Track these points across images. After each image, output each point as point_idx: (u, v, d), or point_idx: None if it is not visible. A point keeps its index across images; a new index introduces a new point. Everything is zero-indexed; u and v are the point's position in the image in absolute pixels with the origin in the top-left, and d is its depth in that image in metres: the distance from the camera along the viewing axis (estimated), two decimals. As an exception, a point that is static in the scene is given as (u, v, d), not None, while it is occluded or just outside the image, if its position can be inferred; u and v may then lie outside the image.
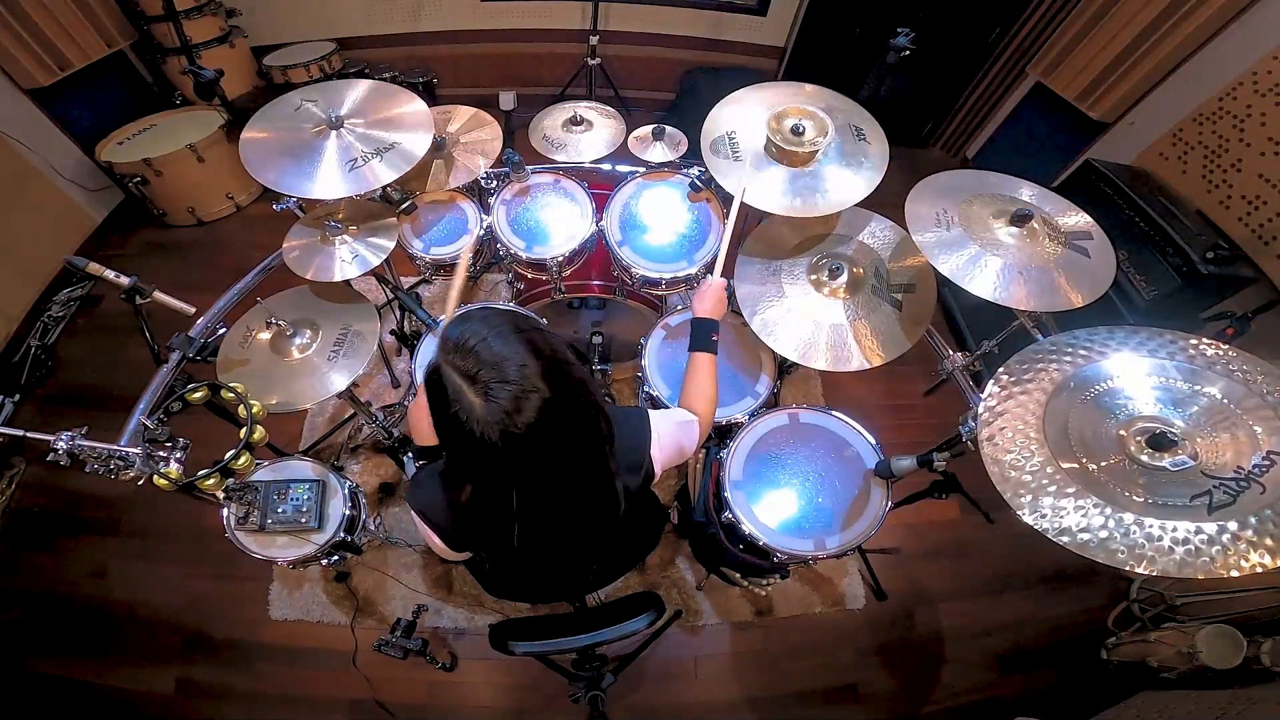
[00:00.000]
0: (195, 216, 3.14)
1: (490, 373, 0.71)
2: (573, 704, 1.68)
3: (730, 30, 3.59)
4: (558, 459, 0.79)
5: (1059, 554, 0.88)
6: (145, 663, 1.92)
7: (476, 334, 0.74)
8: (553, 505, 0.88)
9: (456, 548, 0.99)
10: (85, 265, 1.20)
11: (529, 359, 0.73)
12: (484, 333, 0.74)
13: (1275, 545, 0.81)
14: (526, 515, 0.88)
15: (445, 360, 0.74)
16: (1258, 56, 2.05)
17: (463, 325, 0.77)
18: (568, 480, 0.84)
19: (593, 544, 1.12)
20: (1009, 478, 0.97)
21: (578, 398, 0.78)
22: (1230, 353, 1.02)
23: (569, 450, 0.80)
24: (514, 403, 0.70)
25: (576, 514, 0.92)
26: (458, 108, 1.94)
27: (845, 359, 1.44)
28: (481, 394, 0.71)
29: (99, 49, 2.90)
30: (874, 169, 1.44)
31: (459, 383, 0.72)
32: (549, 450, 0.76)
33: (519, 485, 0.82)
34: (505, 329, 0.76)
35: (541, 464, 0.78)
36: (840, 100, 1.56)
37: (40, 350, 2.59)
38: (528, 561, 1.13)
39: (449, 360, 0.74)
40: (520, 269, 1.87)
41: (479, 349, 0.73)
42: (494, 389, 0.71)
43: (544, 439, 0.74)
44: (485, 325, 0.76)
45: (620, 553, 1.33)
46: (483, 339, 0.74)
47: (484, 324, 0.76)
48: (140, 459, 1.10)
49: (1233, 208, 2.09)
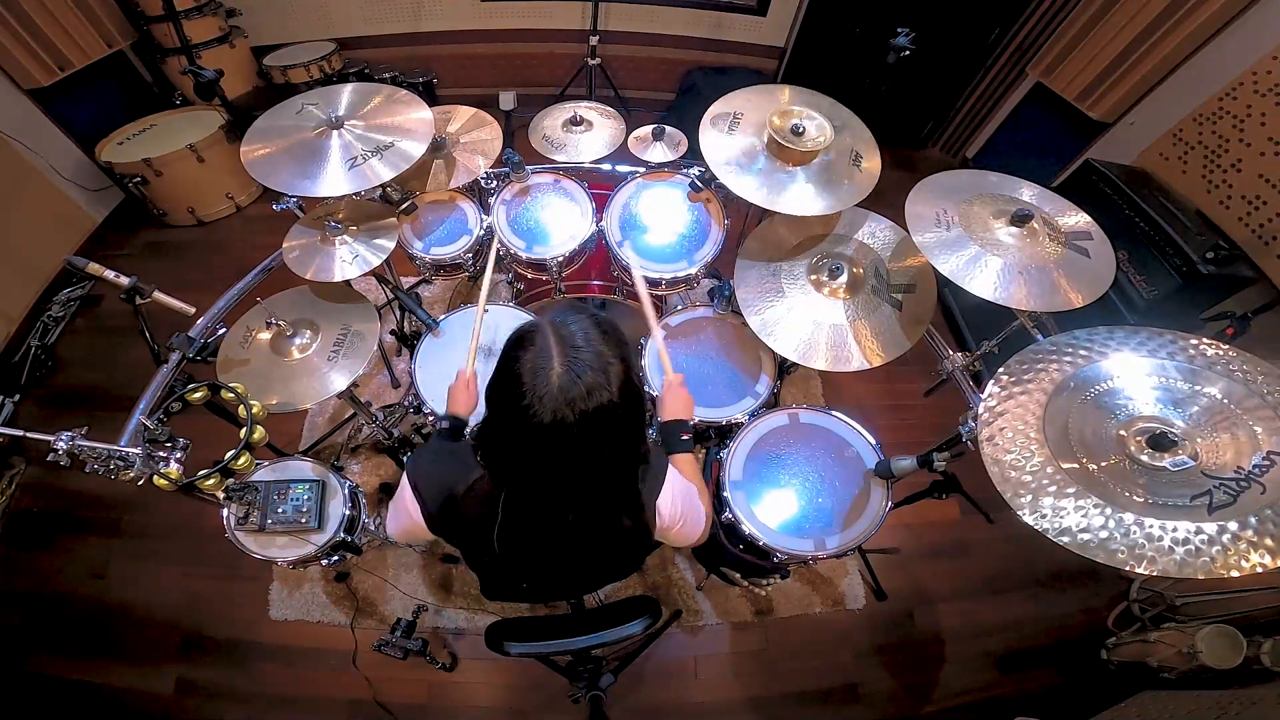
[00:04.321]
0: (195, 216, 3.15)
1: (585, 355, 0.74)
2: (573, 704, 1.68)
3: (730, 30, 3.60)
4: (584, 461, 0.80)
5: (1059, 554, 0.88)
6: (145, 663, 1.92)
7: (586, 321, 0.79)
8: (544, 511, 0.89)
9: (434, 530, 0.98)
10: (85, 265, 1.20)
11: (619, 365, 0.77)
12: (593, 326, 0.79)
13: (1275, 545, 0.81)
14: (513, 516, 0.88)
15: (552, 324, 0.77)
16: (1258, 56, 2.05)
17: (577, 311, 0.82)
18: (580, 484, 0.84)
19: (573, 557, 1.10)
20: (1009, 478, 0.97)
21: (633, 417, 0.81)
22: (1230, 353, 1.02)
23: (601, 456, 0.81)
24: (587, 390, 0.72)
25: (565, 525, 0.91)
26: (458, 108, 1.94)
27: (845, 359, 1.44)
28: (565, 365, 0.73)
29: (99, 49, 2.90)
30: (847, 196, 1.46)
31: (552, 345, 0.74)
32: (583, 448, 0.77)
33: (532, 477, 0.82)
34: (615, 334, 0.81)
35: (568, 459, 0.78)
36: (858, 128, 1.57)
37: (40, 350, 2.59)
38: (504, 562, 1.10)
39: (555, 325, 0.77)
40: (520, 269, 1.87)
41: (587, 331, 0.77)
42: (580, 368, 0.73)
43: (586, 436, 0.75)
44: (596, 320, 0.81)
45: (605, 566, 1.30)
46: (590, 331, 0.78)
47: (595, 320, 0.81)
48: (140, 459, 1.09)
49: (1233, 208, 2.10)
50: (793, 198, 1.44)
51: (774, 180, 1.46)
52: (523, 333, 0.79)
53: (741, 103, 1.58)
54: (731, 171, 1.47)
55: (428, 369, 1.61)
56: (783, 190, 1.45)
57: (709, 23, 3.57)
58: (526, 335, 0.78)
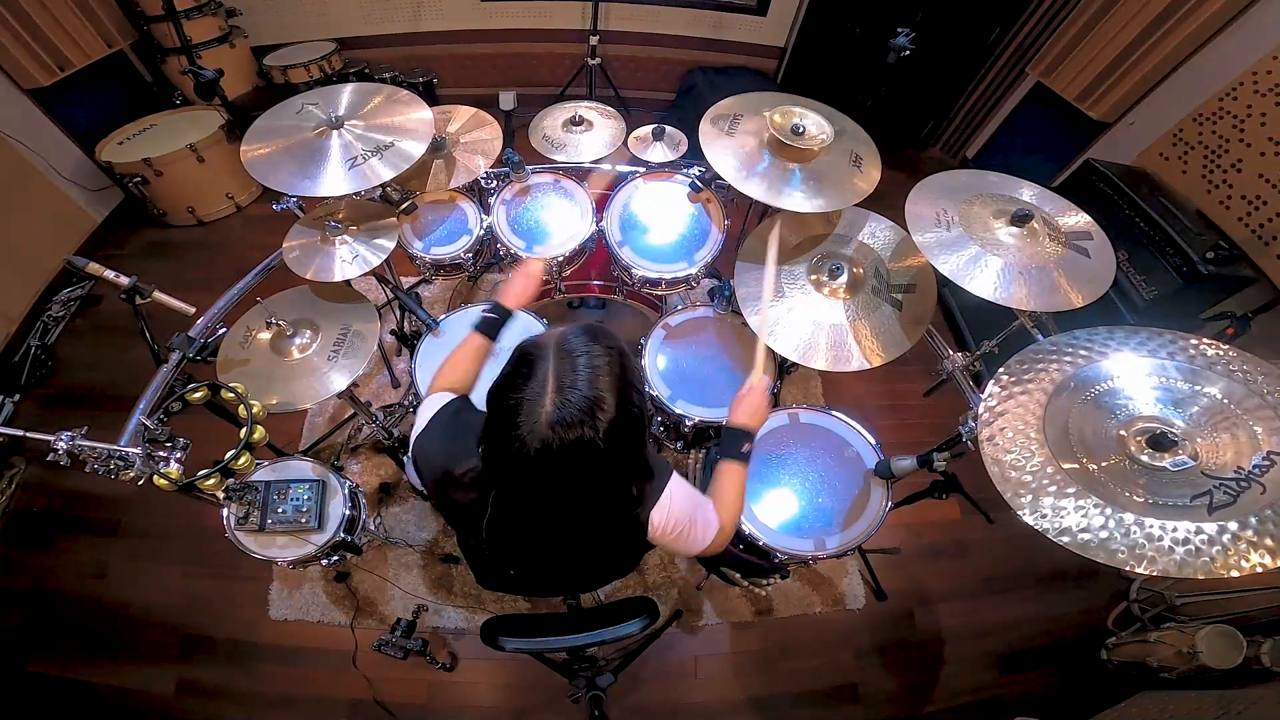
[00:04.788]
0: (195, 216, 3.14)
1: (576, 395, 0.72)
2: (572, 704, 1.68)
3: (730, 30, 3.59)
4: (568, 487, 0.80)
5: (1059, 554, 0.88)
6: (145, 663, 1.92)
7: (594, 356, 0.76)
8: (530, 514, 0.89)
9: (430, 501, 0.99)
10: (85, 265, 1.20)
11: (612, 405, 0.74)
12: (600, 362, 0.76)
13: (1275, 545, 0.81)
14: (501, 510, 0.89)
15: (556, 352, 0.76)
16: (1258, 56, 2.05)
17: (592, 338, 0.79)
18: (564, 503, 0.85)
19: (561, 553, 1.10)
20: (1009, 478, 0.97)
21: (619, 454, 0.78)
22: (1230, 353, 1.02)
23: (584, 485, 0.81)
24: (571, 432, 0.71)
25: (551, 527, 0.93)
26: (458, 108, 1.94)
27: (845, 359, 1.44)
28: (555, 405, 0.72)
29: (99, 49, 2.90)
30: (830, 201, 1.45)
31: (549, 380, 0.73)
32: (565, 478, 0.77)
33: (518, 489, 0.82)
34: (617, 369, 0.77)
35: (552, 484, 0.79)
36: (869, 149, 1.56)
37: (40, 350, 2.59)
38: (492, 549, 1.10)
39: (557, 355, 0.75)
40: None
41: (586, 369, 0.74)
42: (568, 411, 0.71)
43: (568, 468, 0.75)
44: (606, 355, 0.77)
45: (597, 565, 1.29)
46: (594, 367, 0.75)
47: (606, 354, 0.77)
48: (140, 459, 1.10)
49: (1233, 208, 2.10)
50: (794, 199, 1.43)
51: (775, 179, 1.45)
52: (527, 353, 0.78)
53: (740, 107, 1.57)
54: (740, 176, 1.46)
55: (428, 369, 1.61)
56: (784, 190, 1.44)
57: (709, 23, 3.56)
58: (528, 359, 0.77)
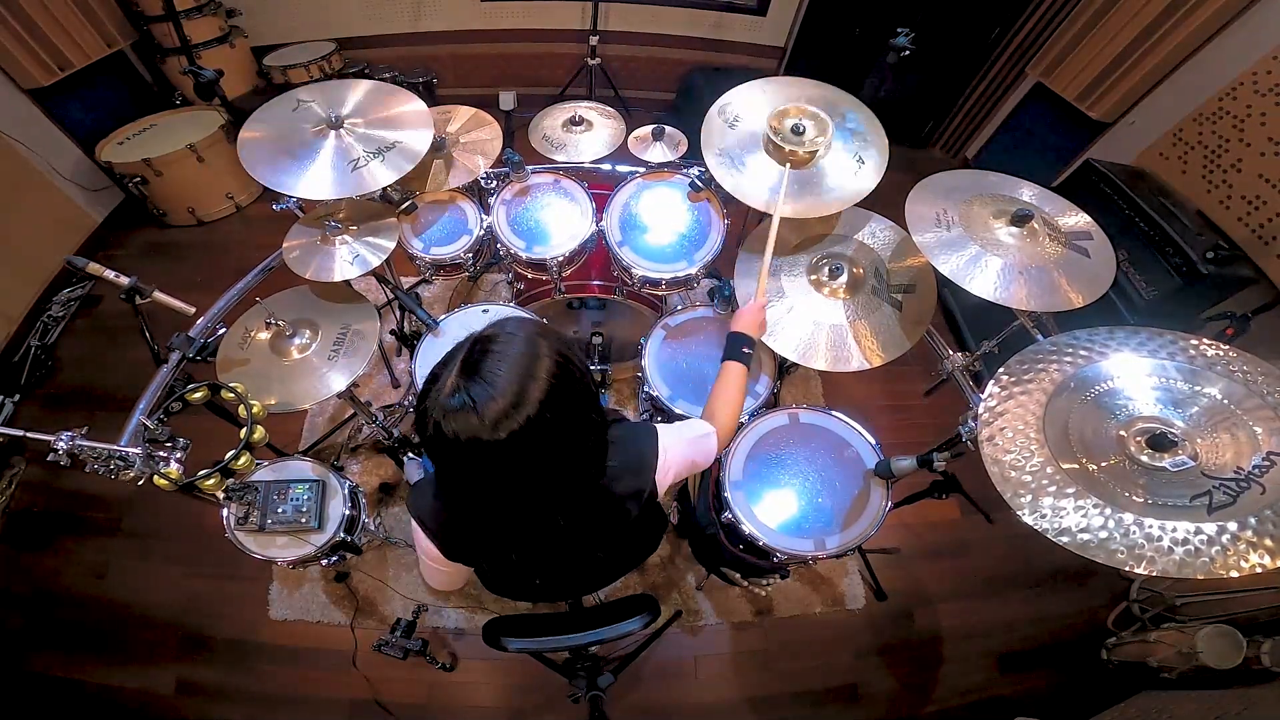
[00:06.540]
0: (195, 216, 3.14)
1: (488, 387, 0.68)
2: (572, 704, 1.68)
3: (730, 30, 3.60)
4: (522, 476, 0.75)
5: (1059, 554, 0.88)
6: (145, 663, 1.92)
7: (509, 337, 0.73)
8: (526, 518, 0.88)
9: (451, 555, 0.97)
10: (85, 265, 1.20)
11: (535, 383, 0.69)
12: (516, 343, 0.72)
13: (1275, 545, 0.81)
14: (510, 522, 0.88)
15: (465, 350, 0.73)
16: (1258, 56, 2.05)
17: (503, 326, 0.76)
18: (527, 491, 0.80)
19: (587, 552, 1.12)
20: (1009, 478, 0.97)
21: (568, 429, 0.74)
22: (1230, 353, 1.02)
23: (541, 466, 0.76)
24: (492, 424, 0.67)
25: (563, 524, 0.92)
26: (458, 108, 1.94)
27: (845, 359, 1.44)
28: (453, 386, 0.69)
29: (99, 49, 2.90)
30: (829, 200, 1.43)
31: (457, 361, 0.71)
32: (514, 467, 0.73)
33: (492, 489, 0.78)
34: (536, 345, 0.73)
35: (512, 474, 0.74)
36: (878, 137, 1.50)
37: (40, 350, 2.59)
38: (525, 567, 1.13)
39: (465, 354, 0.72)
40: (520, 269, 1.87)
41: (497, 349, 0.71)
42: (478, 392, 0.68)
43: (510, 458, 0.71)
44: (523, 338, 0.74)
45: (620, 557, 1.32)
46: (506, 347, 0.72)
47: (522, 336, 0.74)
48: (140, 459, 1.09)
49: (1233, 208, 2.09)
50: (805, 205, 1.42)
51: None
52: (439, 364, 0.75)
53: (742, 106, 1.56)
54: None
55: (428, 369, 1.60)
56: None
57: (709, 23, 3.57)
58: (439, 366, 0.74)
